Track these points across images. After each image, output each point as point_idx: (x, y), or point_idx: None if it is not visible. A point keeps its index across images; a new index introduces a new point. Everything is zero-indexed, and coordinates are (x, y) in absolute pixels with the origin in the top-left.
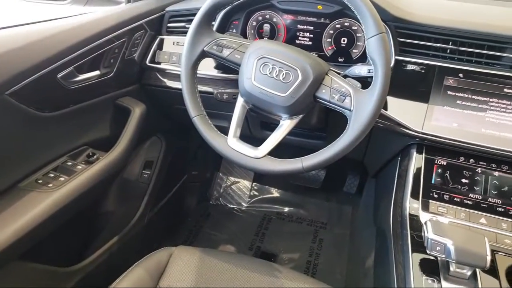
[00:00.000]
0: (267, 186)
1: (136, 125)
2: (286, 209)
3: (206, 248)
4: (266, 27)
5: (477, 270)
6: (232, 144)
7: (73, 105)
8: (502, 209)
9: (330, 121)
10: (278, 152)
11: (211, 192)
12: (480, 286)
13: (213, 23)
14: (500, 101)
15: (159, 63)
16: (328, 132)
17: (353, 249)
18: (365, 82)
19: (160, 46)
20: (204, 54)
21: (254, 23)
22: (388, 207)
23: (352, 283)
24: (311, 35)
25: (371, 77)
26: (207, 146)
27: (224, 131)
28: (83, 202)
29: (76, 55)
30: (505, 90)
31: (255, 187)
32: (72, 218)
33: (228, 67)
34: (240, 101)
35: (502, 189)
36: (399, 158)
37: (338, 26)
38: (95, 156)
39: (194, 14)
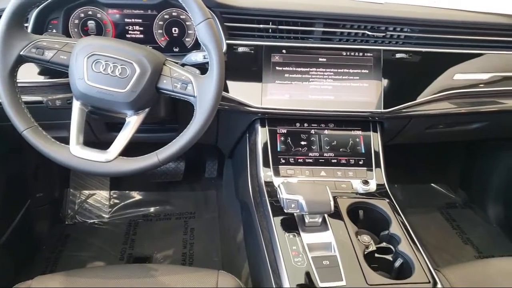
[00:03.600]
0: (127, 191)
1: None
2: (152, 209)
3: (69, 271)
4: (91, 24)
5: (326, 215)
6: (76, 152)
7: None
8: (335, 160)
9: (180, 111)
10: (133, 153)
11: (65, 211)
12: (330, 227)
13: (26, 24)
14: (318, 69)
15: None
16: (179, 122)
17: (223, 229)
18: (203, 68)
19: None
20: (21, 60)
21: (77, 21)
22: (246, 180)
23: (228, 261)
24: (141, 28)
25: (208, 62)
26: (48, 161)
27: (66, 141)
28: None
29: None
30: (320, 59)
31: (114, 195)
32: None
33: (56, 71)
34: (76, 104)
35: (333, 144)
36: (247, 135)
37: (166, 16)
38: None
39: None
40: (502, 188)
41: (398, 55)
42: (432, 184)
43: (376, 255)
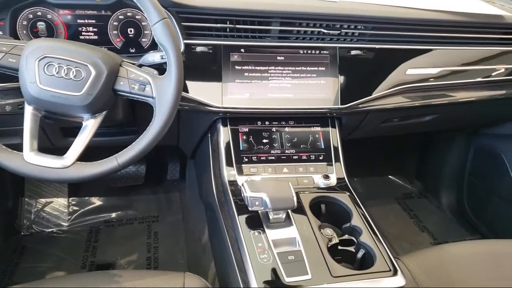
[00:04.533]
0: (86, 197)
1: None
2: (114, 214)
3: (27, 283)
4: (41, 25)
5: (289, 211)
6: (30, 159)
7: None
8: (297, 157)
9: (139, 113)
10: (91, 157)
11: (20, 222)
12: (293, 223)
13: None
14: (276, 68)
15: None
16: (139, 124)
17: (188, 231)
18: (161, 68)
19: None
20: None
21: (25, 22)
22: (210, 181)
23: (194, 263)
24: (95, 29)
25: (166, 62)
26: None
27: (20, 149)
28: None
29: None
30: (278, 58)
31: (73, 202)
32: None
33: (4, 74)
34: (28, 109)
35: (293, 141)
36: (209, 135)
37: (121, 17)
38: None
39: None
40: (453, 178)
41: (353, 52)
42: (390, 176)
43: (339, 247)
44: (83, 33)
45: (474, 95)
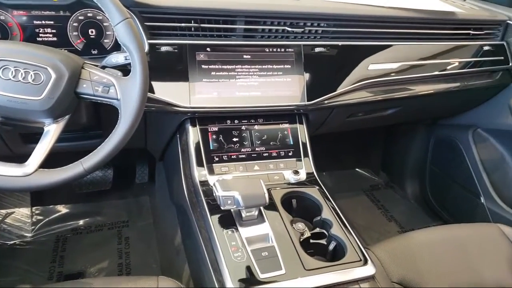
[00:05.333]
0: (51, 206)
1: None
2: (81, 221)
3: None
4: None
5: (261, 208)
6: None
7: None
8: (267, 154)
9: (104, 116)
10: (55, 164)
11: None
12: (266, 219)
13: None
14: (243, 66)
15: None
16: (104, 128)
17: (160, 235)
18: (125, 70)
19: None
20: None
21: None
22: (180, 182)
23: (167, 266)
24: (54, 30)
25: (130, 63)
26: None
27: None
28: None
29: None
30: (244, 56)
31: (37, 211)
32: None
33: None
34: None
35: (263, 138)
36: (178, 135)
37: (81, 17)
38: None
39: None
40: (416, 168)
41: (317, 49)
42: (357, 169)
43: (311, 240)
44: (40, 35)
45: (432, 88)
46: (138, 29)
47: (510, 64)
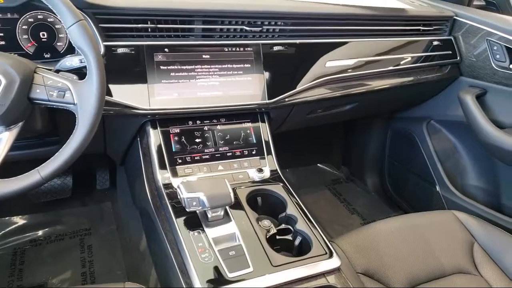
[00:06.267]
0: (7, 217)
1: None
2: (40, 232)
3: None
4: None
5: (227, 207)
6: None
7: None
8: (231, 153)
9: (60, 122)
10: (10, 173)
11: None
12: (232, 218)
13: None
14: (203, 66)
15: None
16: (60, 134)
17: (124, 241)
18: (81, 73)
19: None
20: None
21: None
22: (143, 186)
23: (133, 272)
24: (2, 34)
25: (85, 67)
26: None
27: None
28: None
29: None
30: (204, 56)
31: None
32: None
33: None
34: None
35: (226, 138)
36: (139, 139)
37: (31, 20)
38: None
39: None
40: (375, 161)
41: (275, 48)
42: (319, 164)
43: (277, 237)
44: None
45: (387, 82)
46: (92, 31)
47: (458, 58)
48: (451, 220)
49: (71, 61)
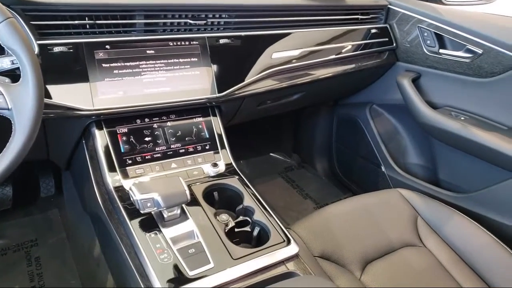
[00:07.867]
0: None
1: None
2: None
3: None
4: None
5: (183, 205)
6: None
7: None
8: (183, 150)
9: None
10: None
11: None
12: (189, 216)
13: None
14: (147, 62)
15: None
16: None
17: (76, 249)
18: (14, 75)
19: None
20: None
21: None
22: (92, 190)
23: (88, 280)
24: None
25: (18, 68)
26: None
27: None
28: None
29: None
30: (148, 52)
31: None
32: None
33: None
34: None
35: (178, 134)
36: (84, 141)
37: None
38: None
39: None
40: (324, 146)
41: (221, 41)
42: (271, 154)
43: (236, 229)
44: None
45: (331, 71)
46: (23, 29)
47: (394, 44)
48: (396, 197)
49: (1, 63)
